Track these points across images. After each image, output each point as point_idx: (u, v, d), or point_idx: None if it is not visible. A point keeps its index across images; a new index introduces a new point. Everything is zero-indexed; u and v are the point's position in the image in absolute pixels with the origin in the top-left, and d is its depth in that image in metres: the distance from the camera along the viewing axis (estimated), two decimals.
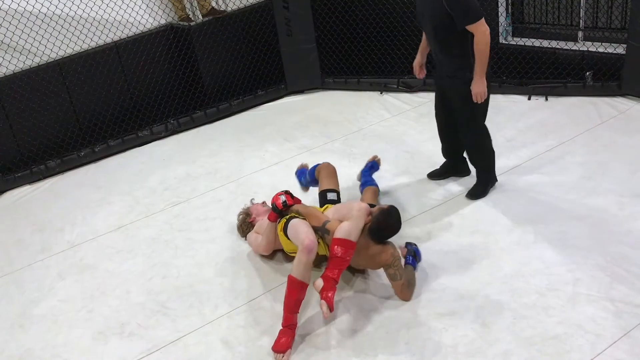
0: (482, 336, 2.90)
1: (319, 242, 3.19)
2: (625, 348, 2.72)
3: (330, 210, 3.36)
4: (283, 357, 2.92)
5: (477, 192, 4.01)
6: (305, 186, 4.31)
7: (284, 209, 3.35)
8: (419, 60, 4.05)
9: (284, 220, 3.37)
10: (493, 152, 3.99)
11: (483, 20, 3.42)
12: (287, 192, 3.41)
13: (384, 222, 3.12)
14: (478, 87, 3.58)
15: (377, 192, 3.93)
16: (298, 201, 3.44)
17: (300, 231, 3.14)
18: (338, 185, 3.84)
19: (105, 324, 3.38)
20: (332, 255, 3.07)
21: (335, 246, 3.06)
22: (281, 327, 3.02)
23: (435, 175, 4.31)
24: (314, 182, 4.01)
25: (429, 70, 4.09)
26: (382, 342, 2.96)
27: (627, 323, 2.85)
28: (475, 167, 4.06)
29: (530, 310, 3.01)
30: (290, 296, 3.01)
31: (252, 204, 3.92)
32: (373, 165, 4.21)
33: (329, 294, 2.98)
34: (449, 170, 4.29)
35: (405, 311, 3.13)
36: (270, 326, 3.15)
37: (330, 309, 2.97)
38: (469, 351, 2.83)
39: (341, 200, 3.75)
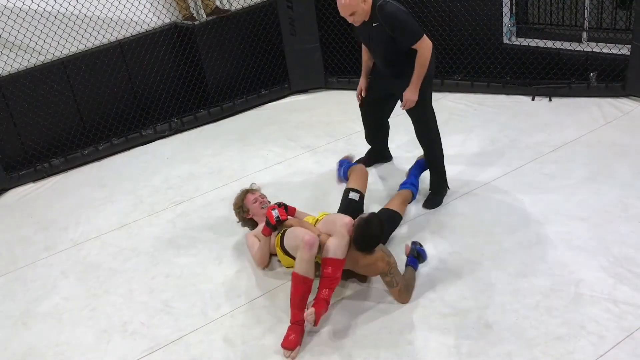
0: (484, 337, 2.90)
1: None
2: (628, 350, 2.72)
3: (322, 222, 3.34)
4: (292, 353, 2.93)
5: (434, 202, 4.01)
6: (340, 178, 4.34)
7: (277, 224, 3.34)
8: (364, 84, 4.17)
9: (279, 235, 3.35)
10: (443, 155, 4.03)
11: (425, 36, 3.60)
12: (280, 205, 3.39)
13: (365, 232, 3.10)
14: (411, 94, 3.76)
15: (408, 198, 3.91)
16: (293, 211, 3.46)
17: (299, 231, 3.16)
18: (365, 187, 3.86)
19: (108, 322, 3.39)
20: (322, 275, 3.08)
21: (324, 266, 3.07)
22: (290, 324, 3.02)
23: (363, 163, 4.44)
24: (347, 180, 4.03)
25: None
26: (384, 342, 2.97)
27: (631, 324, 2.84)
28: (430, 172, 4.07)
29: (533, 311, 3.01)
30: (295, 292, 3.02)
31: (252, 191, 3.83)
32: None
33: (318, 309, 2.98)
34: (376, 156, 4.61)
35: (408, 311, 3.13)
36: (273, 325, 3.15)
37: (316, 322, 2.97)
38: (471, 352, 2.83)
39: (364, 203, 3.78)
